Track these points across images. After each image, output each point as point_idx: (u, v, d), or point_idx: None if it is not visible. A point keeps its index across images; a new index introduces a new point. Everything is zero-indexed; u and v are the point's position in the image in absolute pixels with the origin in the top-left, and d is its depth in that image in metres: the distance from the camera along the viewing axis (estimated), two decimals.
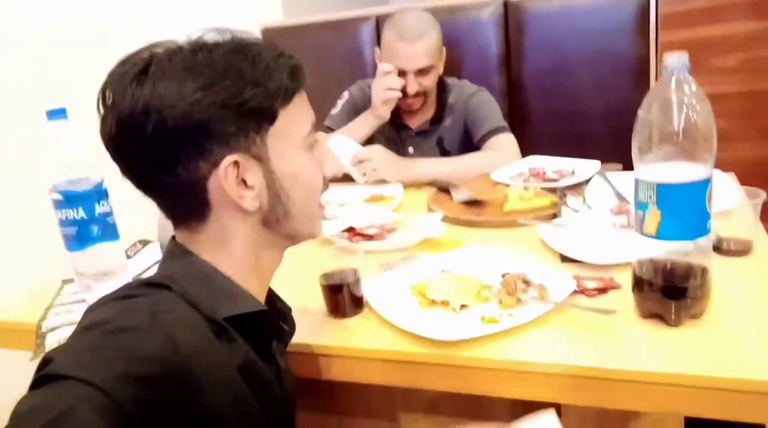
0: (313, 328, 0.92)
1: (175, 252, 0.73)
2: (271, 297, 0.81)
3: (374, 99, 1.71)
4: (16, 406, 0.51)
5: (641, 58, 1.95)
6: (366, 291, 0.96)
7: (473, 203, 1.39)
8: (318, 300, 0.95)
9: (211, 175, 0.67)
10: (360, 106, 1.79)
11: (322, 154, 0.79)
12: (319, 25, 2.32)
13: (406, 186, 1.59)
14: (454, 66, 1.85)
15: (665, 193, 0.78)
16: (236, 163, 0.67)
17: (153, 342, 0.57)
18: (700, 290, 0.81)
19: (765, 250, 1.00)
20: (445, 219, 1.28)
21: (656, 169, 0.79)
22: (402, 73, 1.69)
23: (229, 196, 0.68)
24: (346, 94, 1.85)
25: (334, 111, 1.85)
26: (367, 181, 1.60)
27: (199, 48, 0.68)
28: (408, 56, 1.68)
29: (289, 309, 0.85)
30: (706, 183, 0.78)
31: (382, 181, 1.61)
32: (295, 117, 0.72)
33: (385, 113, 1.71)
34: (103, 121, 0.67)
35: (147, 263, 1.24)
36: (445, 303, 0.92)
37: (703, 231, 0.79)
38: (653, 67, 1.93)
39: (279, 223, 0.74)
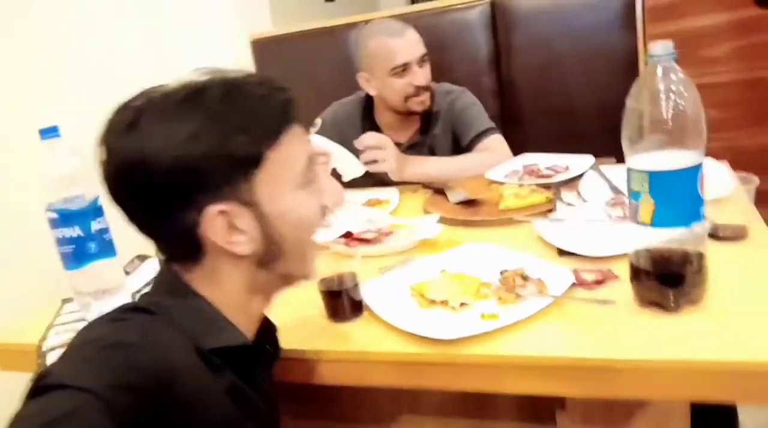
0: (313, 334, 0.92)
1: (167, 279, 0.73)
2: (266, 320, 0.82)
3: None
4: (16, 413, 0.52)
5: (630, 52, 1.96)
6: (365, 294, 0.96)
7: (469, 203, 1.39)
8: (318, 306, 0.95)
9: (200, 223, 0.68)
10: (332, 132, 1.69)
11: (321, 185, 0.77)
12: (308, 33, 2.32)
13: (402, 190, 1.59)
14: (443, 69, 1.85)
15: (657, 181, 0.79)
16: (223, 212, 0.68)
17: (145, 355, 0.59)
18: (697, 276, 0.81)
19: (760, 235, 1.00)
20: (442, 220, 1.28)
21: (647, 157, 0.79)
22: (405, 70, 1.68)
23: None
24: (318, 122, 1.74)
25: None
26: (364, 171, 1.54)
27: (188, 94, 0.67)
28: (407, 46, 1.68)
29: (276, 329, 0.85)
30: (697, 169, 0.78)
31: (375, 183, 1.60)
32: (286, 156, 0.71)
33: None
34: (102, 169, 0.69)
35: (146, 279, 1.24)
36: (444, 303, 0.92)
37: (697, 216, 0.79)
38: (641, 60, 1.93)
39: (273, 264, 0.73)
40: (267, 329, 0.82)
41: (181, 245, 0.71)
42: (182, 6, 2.28)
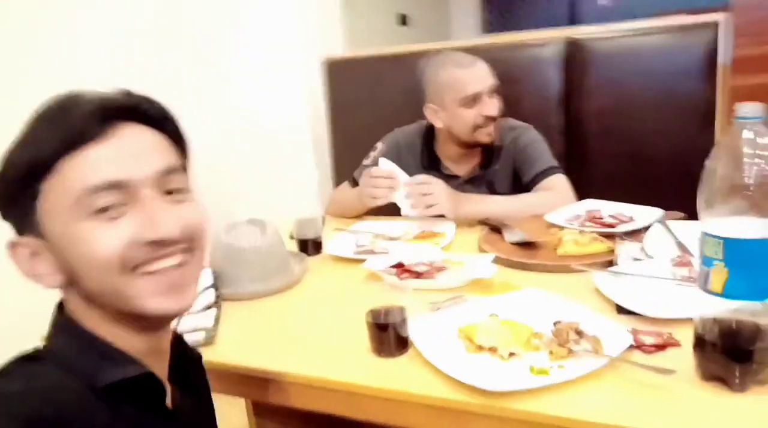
0: (356, 366, 0.90)
1: (57, 319, 0.70)
2: (178, 346, 0.78)
3: (360, 194, 1.66)
4: None
5: (707, 102, 1.89)
6: (412, 331, 0.94)
7: (526, 245, 1.35)
8: (363, 337, 0.94)
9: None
10: (391, 157, 1.69)
11: (143, 217, 0.65)
12: (379, 59, 2.35)
13: (458, 224, 1.57)
14: (511, 103, 1.83)
15: (733, 249, 0.74)
16: (15, 244, 0.66)
17: (30, 404, 0.56)
18: (767, 354, 0.75)
19: None
20: (497, 260, 1.25)
21: (724, 222, 0.75)
22: (475, 101, 1.66)
23: None
24: (379, 146, 1.80)
25: (366, 161, 1.81)
26: (419, 215, 1.57)
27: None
28: (477, 76, 1.67)
29: (199, 357, 0.83)
30: None
31: (432, 217, 1.59)
32: (59, 187, 0.63)
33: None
34: None
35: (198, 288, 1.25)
36: (493, 350, 0.89)
37: None
38: (719, 111, 1.86)
39: (94, 299, 0.66)
40: (181, 357, 0.78)
41: None
42: (257, 24, 2.33)
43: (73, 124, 0.63)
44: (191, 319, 1.11)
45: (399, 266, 1.24)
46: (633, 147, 1.99)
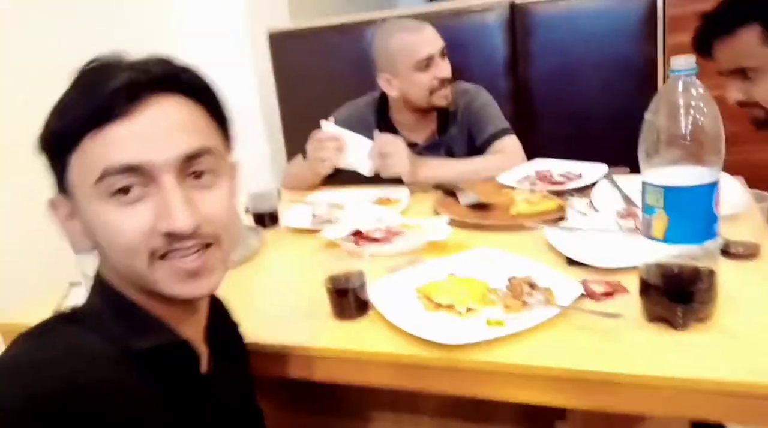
0: (318, 331, 0.92)
1: (95, 281, 0.70)
2: (216, 314, 0.79)
3: (309, 161, 1.67)
4: None
5: (649, 61, 1.95)
6: (372, 294, 0.96)
7: (480, 206, 1.39)
8: (324, 303, 0.95)
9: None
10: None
11: (162, 206, 0.63)
12: (325, 29, 2.32)
13: (413, 190, 1.59)
14: (461, 69, 1.85)
15: (672, 197, 0.78)
16: (54, 202, 0.68)
17: (65, 376, 0.56)
18: (707, 294, 0.80)
19: None
20: (452, 222, 1.27)
21: (663, 172, 0.78)
22: (429, 64, 1.68)
23: None
24: (330, 121, 1.73)
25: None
26: (378, 172, 1.56)
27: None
28: (428, 39, 1.68)
29: (236, 325, 0.83)
30: (713, 186, 0.77)
31: (387, 183, 1.60)
32: (82, 162, 0.63)
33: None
34: None
35: None
36: (450, 307, 0.92)
37: (711, 234, 0.78)
38: (660, 70, 1.92)
39: (120, 272, 0.67)
40: (218, 325, 0.78)
41: None
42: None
43: (101, 99, 0.61)
44: None
45: (356, 233, 1.25)
46: (579, 107, 2.04)
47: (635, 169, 0.85)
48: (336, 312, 0.95)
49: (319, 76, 2.27)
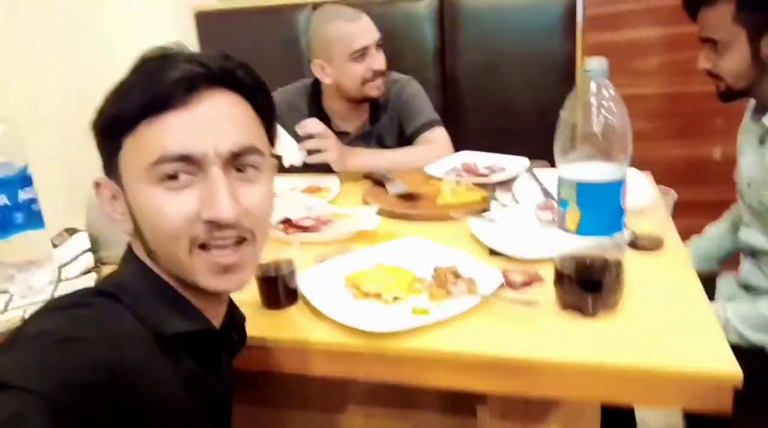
0: (247, 320, 0.92)
1: (129, 257, 0.72)
2: (230, 306, 0.80)
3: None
4: None
5: (568, 58, 2.03)
6: (301, 282, 0.97)
7: (408, 196, 1.42)
8: (252, 292, 0.96)
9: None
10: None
11: (208, 193, 0.65)
12: (254, 11, 2.29)
13: (343, 179, 1.60)
14: (390, 59, 1.86)
15: (584, 192, 0.83)
16: (100, 184, 0.70)
17: (99, 352, 0.57)
18: (614, 283, 0.86)
19: (674, 247, 1.07)
20: (381, 212, 1.30)
21: (577, 168, 0.84)
22: (364, 55, 1.68)
23: None
24: None
25: None
26: (306, 160, 1.54)
27: None
28: (364, 30, 1.69)
29: (244, 319, 0.84)
30: (621, 182, 0.83)
31: (317, 172, 1.61)
32: (137, 147, 0.65)
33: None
34: None
35: (74, 253, 1.20)
36: (377, 295, 0.94)
37: (618, 227, 0.84)
38: (578, 67, 2.01)
39: (157, 257, 0.69)
40: (234, 316, 0.81)
41: None
42: None
43: (160, 87, 0.64)
44: (70, 285, 1.08)
45: (286, 221, 1.26)
46: (503, 101, 2.10)
47: (554, 162, 0.90)
48: (265, 300, 0.96)
49: (247, 60, 2.23)
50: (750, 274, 1.41)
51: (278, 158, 1.50)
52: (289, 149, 1.53)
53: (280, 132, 1.56)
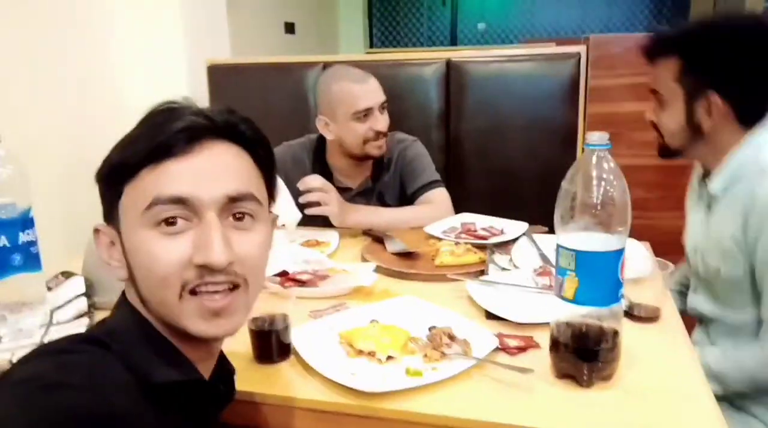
0: (238, 373, 0.91)
1: (122, 304, 0.72)
2: (221, 358, 0.79)
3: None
4: None
5: (570, 126, 2.07)
6: (294, 337, 0.96)
7: (406, 255, 1.42)
8: (245, 344, 0.95)
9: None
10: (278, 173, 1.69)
11: (201, 239, 0.66)
12: (265, 67, 2.35)
13: (342, 234, 1.61)
14: (395, 119, 1.91)
15: (583, 261, 0.83)
16: (98, 231, 0.72)
17: (85, 400, 0.56)
18: (610, 353, 0.86)
19: (671, 318, 1.07)
20: (378, 269, 1.30)
21: (576, 237, 0.84)
22: (367, 115, 1.72)
23: None
24: None
25: None
26: (307, 212, 1.55)
27: None
28: (370, 92, 1.73)
29: (233, 372, 0.83)
30: (620, 252, 0.84)
31: (316, 227, 1.61)
32: (136, 190, 0.67)
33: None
34: None
35: (68, 296, 1.19)
36: (371, 354, 0.93)
37: (616, 299, 0.84)
38: (580, 136, 2.05)
39: (148, 306, 0.69)
40: (223, 368, 0.80)
41: None
42: (136, 27, 2.25)
43: (164, 137, 0.66)
44: (62, 329, 1.07)
45: (283, 274, 1.26)
46: (505, 165, 2.13)
47: (553, 228, 0.91)
48: (257, 354, 0.95)
49: (256, 113, 2.20)
50: (700, 339, 1.38)
51: None
52: (285, 209, 1.54)
53: (279, 189, 1.59)
